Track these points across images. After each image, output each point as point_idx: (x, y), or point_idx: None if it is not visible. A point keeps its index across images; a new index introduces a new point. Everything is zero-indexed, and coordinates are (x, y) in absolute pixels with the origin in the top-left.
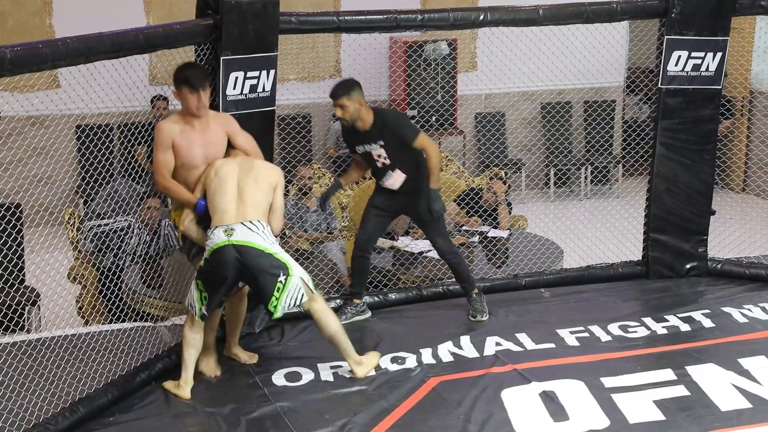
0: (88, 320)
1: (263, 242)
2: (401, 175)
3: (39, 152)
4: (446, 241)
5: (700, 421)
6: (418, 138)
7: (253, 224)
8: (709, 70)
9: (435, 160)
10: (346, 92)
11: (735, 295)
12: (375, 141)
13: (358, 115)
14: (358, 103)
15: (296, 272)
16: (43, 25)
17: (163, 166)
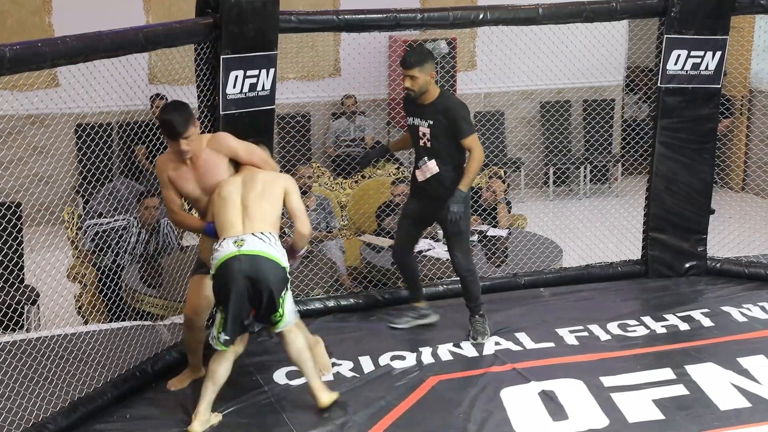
0: (87, 319)
1: (276, 253)
2: (434, 168)
3: (39, 151)
4: (466, 257)
5: (699, 420)
6: (471, 137)
7: (264, 235)
8: (708, 69)
9: (476, 165)
10: (419, 63)
11: (734, 294)
12: (426, 118)
13: (426, 88)
14: (429, 76)
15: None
16: (43, 24)
17: (170, 202)
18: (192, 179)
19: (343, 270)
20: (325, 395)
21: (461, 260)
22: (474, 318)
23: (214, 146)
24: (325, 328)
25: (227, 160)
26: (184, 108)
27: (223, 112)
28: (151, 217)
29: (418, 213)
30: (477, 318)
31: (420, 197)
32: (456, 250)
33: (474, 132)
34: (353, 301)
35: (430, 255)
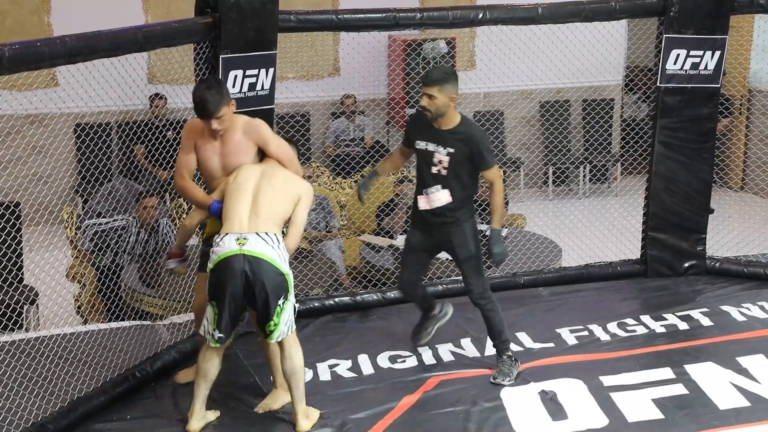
0: (86, 319)
1: (278, 258)
2: (446, 198)
3: (38, 151)
4: (482, 283)
5: (698, 419)
6: (494, 168)
7: (268, 236)
8: (707, 69)
9: (499, 198)
10: (440, 82)
11: (733, 293)
12: (445, 145)
13: (444, 111)
14: (448, 98)
15: (291, 297)
16: (42, 24)
17: (183, 166)
18: (217, 155)
19: (342, 270)
20: (305, 424)
21: (476, 286)
22: (501, 359)
23: (247, 130)
24: (325, 327)
25: (256, 148)
26: (218, 87)
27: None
28: (150, 216)
29: (423, 245)
30: (504, 359)
31: (424, 228)
32: (470, 276)
33: (496, 163)
34: (352, 301)
35: None
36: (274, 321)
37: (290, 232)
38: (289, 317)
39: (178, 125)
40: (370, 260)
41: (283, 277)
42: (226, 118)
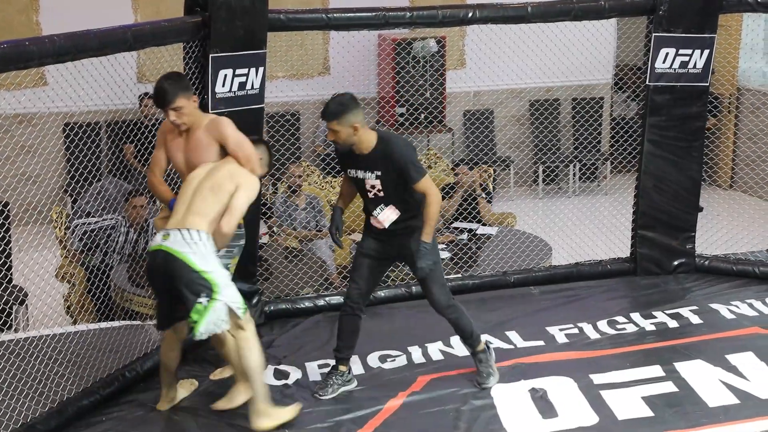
0: (76, 319)
1: (193, 257)
2: (394, 213)
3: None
4: (443, 292)
5: (688, 417)
6: (423, 180)
7: (190, 234)
8: (696, 68)
9: (434, 209)
10: (336, 116)
11: (722, 291)
12: (371, 169)
13: (352, 140)
14: (351, 128)
15: (223, 296)
16: (30, 23)
17: (155, 162)
18: (181, 152)
19: (332, 269)
20: (260, 422)
21: (438, 297)
22: (476, 356)
23: (209, 127)
24: (315, 327)
25: (218, 146)
26: (178, 78)
27: (212, 111)
28: (139, 216)
29: (378, 253)
30: (479, 355)
31: (378, 236)
32: (431, 287)
33: (425, 174)
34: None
35: None
36: (192, 317)
37: (223, 216)
38: (218, 317)
39: None
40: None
41: (198, 275)
42: (184, 111)
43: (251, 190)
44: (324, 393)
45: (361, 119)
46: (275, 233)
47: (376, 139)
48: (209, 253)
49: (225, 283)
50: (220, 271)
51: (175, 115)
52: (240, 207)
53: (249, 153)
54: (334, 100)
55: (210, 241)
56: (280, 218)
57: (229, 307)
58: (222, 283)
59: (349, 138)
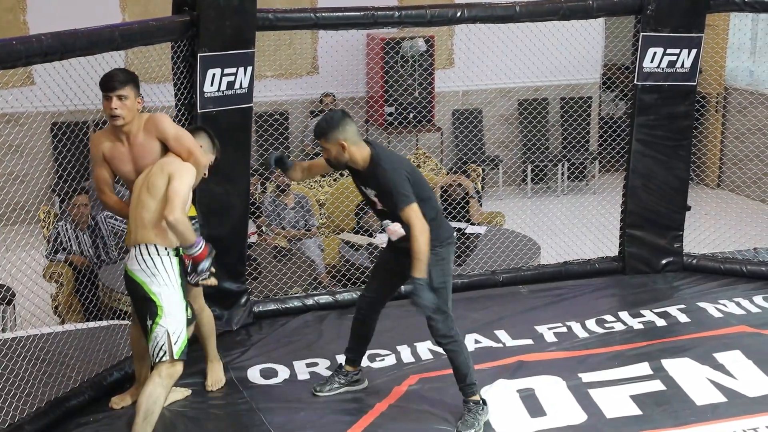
0: (64, 319)
1: (142, 275)
2: (399, 230)
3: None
4: (445, 320)
5: (676, 415)
6: (407, 209)
7: (140, 250)
8: (684, 67)
9: (420, 243)
10: (322, 133)
11: (710, 290)
12: (368, 186)
13: (343, 158)
14: (339, 145)
15: (165, 322)
16: (17, 22)
17: (100, 181)
18: (129, 161)
19: (321, 268)
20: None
21: (437, 324)
22: (466, 405)
23: (148, 128)
24: (303, 326)
25: (160, 144)
26: (130, 71)
27: (201, 111)
28: (81, 215)
29: (390, 266)
30: (471, 405)
31: (394, 250)
32: (432, 313)
33: (411, 202)
34: (332, 299)
35: None
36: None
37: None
38: (158, 343)
39: None
40: (350, 258)
41: (147, 295)
42: (128, 104)
43: (187, 175)
44: (321, 389)
45: (350, 136)
46: (264, 232)
47: (369, 158)
48: (160, 271)
49: (171, 310)
50: (170, 293)
51: (119, 103)
52: (178, 192)
53: (189, 145)
54: (323, 117)
55: (159, 254)
56: (269, 217)
57: (168, 337)
58: (168, 308)
59: (338, 156)
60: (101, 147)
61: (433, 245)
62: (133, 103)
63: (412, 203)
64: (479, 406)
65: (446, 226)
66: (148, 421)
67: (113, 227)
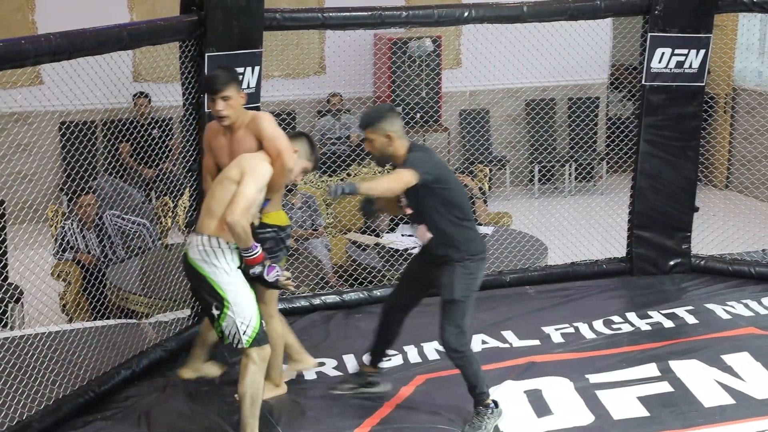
0: (72, 317)
1: (203, 264)
2: (425, 233)
3: (22, 149)
4: (456, 335)
5: (683, 417)
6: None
7: (201, 240)
8: (692, 67)
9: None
10: (370, 123)
11: (718, 291)
12: None
13: (388, 151)
14: (385, 137)
15: (233, 312)
16: (26, 21)
17: (204, 168)
18: (227, 154)
19: (328, 268)
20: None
21: (449, 336)
22: (476, 409)
23: (250, 125)
24: (310, 326)
25: (257, 142)
26: (230, 70)
27: (208, 110)
28: (89, 214)
29: (417, 272)
30: (480, 409)
31: (423, 255)
32: (445, 322)
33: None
34: (339, 299)
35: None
36: (216, 324)
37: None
38: (229, 333)
39: (163, 123)
40: (357, 258)
41: (209, 284)
42: (232, 103)
43: (259, 177)
44: (340, 389)
45: (396, 129)
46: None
47: (406, 152)
48: (221, 262)
49: (237, 299)
50: (231, 282)
51: (224, 104)
52: (245, 194)
53: (280, 147)
54: (371, 108)
55: (220, 246)
56: None
57: (237, 327)
58: (233, 298)
59: (383, 148)
60: (209, 136)
61: (463, 257)
62: (237, 101)
63: (410, 170)
64: (489, 410)
65: (479, 242)
66: (255, 405)
67: (120, 226)
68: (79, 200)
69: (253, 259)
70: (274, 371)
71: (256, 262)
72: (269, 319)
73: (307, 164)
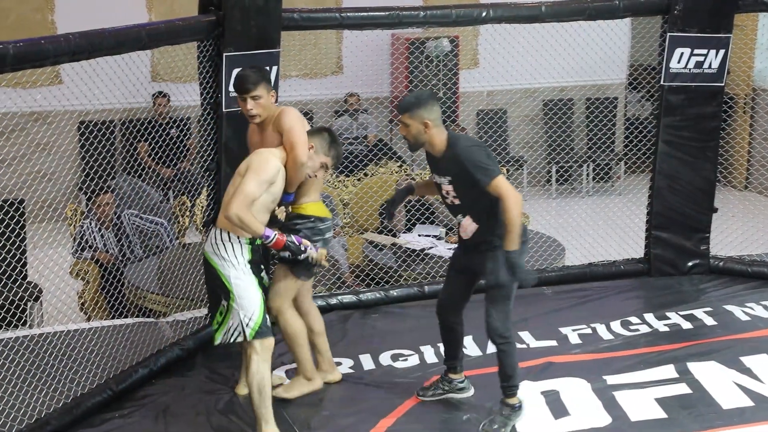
0: (90, 316)
1: (215, 257)
2: (471, 225)
3: (42, 148)
4: (502, 320)
5: (701, 419)
6: (494, 181)
7: (215, 234)
8: (711, 68)
9: (513, 213)
10: (408, 108)
11: (737, 292)
12: (444, 173)
13: (423, 138)
14: (422, 124)
15: (237, 305)
16: (45, 22)
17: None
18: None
19: (345, 268)
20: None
21: (495, 322)
22: (501, 404)
23: (276, 121)
24: (327, 326)
25: (280, 136)
26: (260, 69)
27: (226, 110)
28: (107, 214)
29: (461, 264)
30: (505, 404)
31: (464, 248)
32: (491, 308)
33: (497, 174)
34: (355, 299)
35: (433, 253)
36: (216, 319)
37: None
38: (232, 325)
39: (181, 123)
40: (373, 258)
41: (220, 279)
42: (262, 102)
43: (262, 171)
44: (424, 394)
45: (434, 117)
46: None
47: (446, 142)
48: (230, 256)
49: (242, 293)
50: (238, 276)
51: (254, 103)
52: (242, 189)
53: (294, 140)
54: (411, 93)
55: (230, 239)
56: None
57: (240, 319)
58: (237, 291)
59: (419, 135)
60: (249, 134)
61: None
62: (267, 100)
63: (498, 175)
64: (513, 410)
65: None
66: (264, 395)
67: (138, 225)
68: (97, 199)
69: (274, 244)
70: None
71: (280, 247)
72: (304, 315)
73: (324, 159)
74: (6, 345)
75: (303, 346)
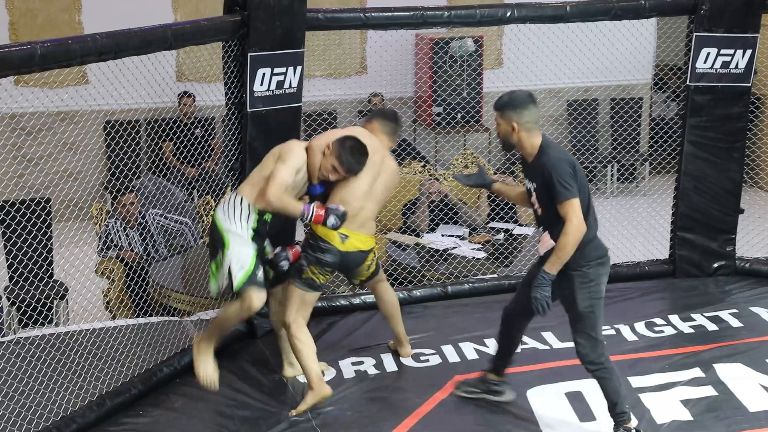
0: (115, 314)
1: (220, 214)
2: (549, 242)
3: (68, 147)
4: (591, 347)
5: (728, 421)
6: (567, 202)
7: (231, 197)
8: (738, 68)
9: (570, 239)
10: (500, 107)
11: (763, 294)
12: (531, 179)
13: (511, 140)
14: (509, 126)
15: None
16: (72, 22)
17: None
18: None
19: None
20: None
21: (582, 350)
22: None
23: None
24: (351, 325)
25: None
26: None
27: (250, 110)
28: (131, 213)
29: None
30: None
31: (541, 261)
32: (576, 335)
33: (573, 196)
34: None
35: (456, 253)
36: (212, 269)
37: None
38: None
39: (206, 123)
40: (396, 258)
41: (219, 231)
42: None
43: (290, 159)
44: (460, 388)
45: (524, 121)
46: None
47: (538, 147)
48: (236, 217)
49: (238, 245)
50: (236, 233)
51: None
52: (279, 174)
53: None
54: (508, 92)
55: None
56: None
57: (229, 268)
58: (234, 242)
59: (507, 136)
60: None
61: (579, 264)
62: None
63: (573, 198)
64: None
65: (598, 245)
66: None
67: (162, 225)
68: (122, 199)
69: (316, 218)
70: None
71: (321, 219)
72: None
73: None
74: (33, 343)
75: (309, 357)
